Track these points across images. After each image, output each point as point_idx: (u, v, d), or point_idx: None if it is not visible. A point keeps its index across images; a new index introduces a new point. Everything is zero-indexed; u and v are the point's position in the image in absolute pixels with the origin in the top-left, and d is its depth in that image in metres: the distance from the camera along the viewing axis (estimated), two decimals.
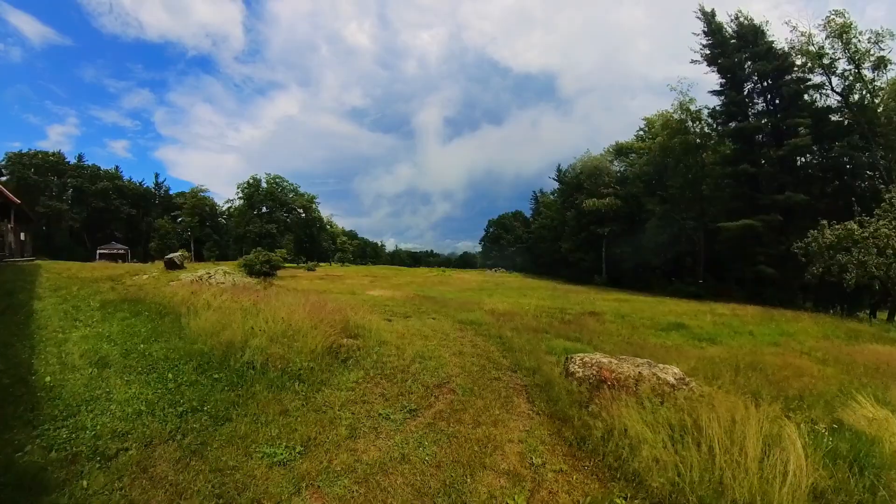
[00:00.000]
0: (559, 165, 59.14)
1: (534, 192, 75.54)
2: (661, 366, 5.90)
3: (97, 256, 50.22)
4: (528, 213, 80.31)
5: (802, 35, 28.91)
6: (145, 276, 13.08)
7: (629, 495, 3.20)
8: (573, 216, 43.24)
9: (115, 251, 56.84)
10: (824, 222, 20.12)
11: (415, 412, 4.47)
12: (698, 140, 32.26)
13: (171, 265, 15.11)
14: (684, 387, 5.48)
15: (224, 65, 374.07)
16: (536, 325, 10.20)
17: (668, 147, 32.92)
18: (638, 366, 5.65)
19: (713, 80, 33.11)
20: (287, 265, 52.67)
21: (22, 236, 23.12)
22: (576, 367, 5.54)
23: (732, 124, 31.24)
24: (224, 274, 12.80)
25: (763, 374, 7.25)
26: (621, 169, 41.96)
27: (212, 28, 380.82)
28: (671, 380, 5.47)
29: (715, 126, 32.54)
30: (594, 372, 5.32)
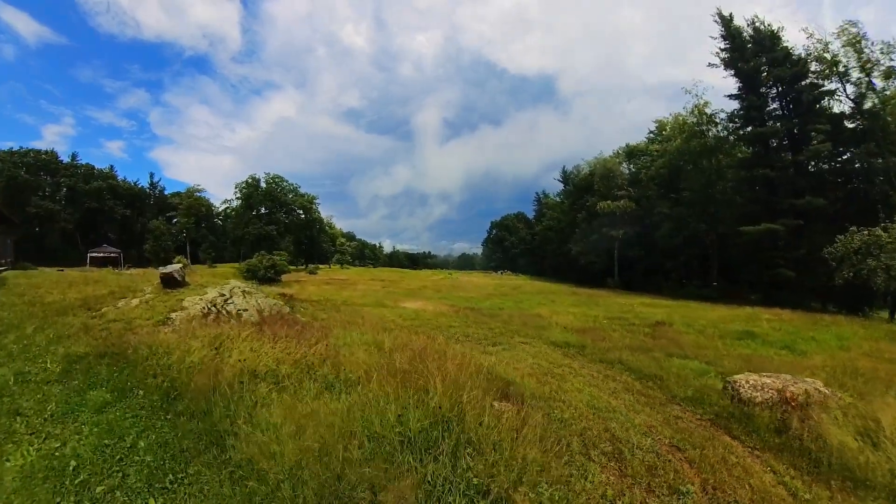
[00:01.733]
0: (564, 167, 59.76)
1: (536, 193, 76.09)
2: (807, 380, 6.16)
3: (87, 260, 46.59)
4: (529, 215, 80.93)
5: (819, 42, 29.75)
6: (135, 302, 9.16)
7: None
8: (584, 218, 43.53)
9: (106, 254, 52.11)
10: (853, 228, 20.68)
11: (685, 495, 3.58)
12: (715, 143, 32.76)
13: (170, 282, 10.96)
14: (835, 396, 5.75)
15: (221, 65, 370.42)
16: (631, 342, 10.11)
17: (685, 150, 33.41)
18: (795, 383, 5.89)
19: (723, 82, 33.87)
20: (289, 268, 51.96)
21: None
22: (747, 391, 5.75)
23: (749, 128, 31.87)
24: (243, 295, 9.58)
25: (866, 377, 7.58)
26: (632, 171, 42.36)
27: (209, 28, 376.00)
28: (827, 391, 5.76)
29: (732, 130, 33.12)
30: (772, 395, 5.54)
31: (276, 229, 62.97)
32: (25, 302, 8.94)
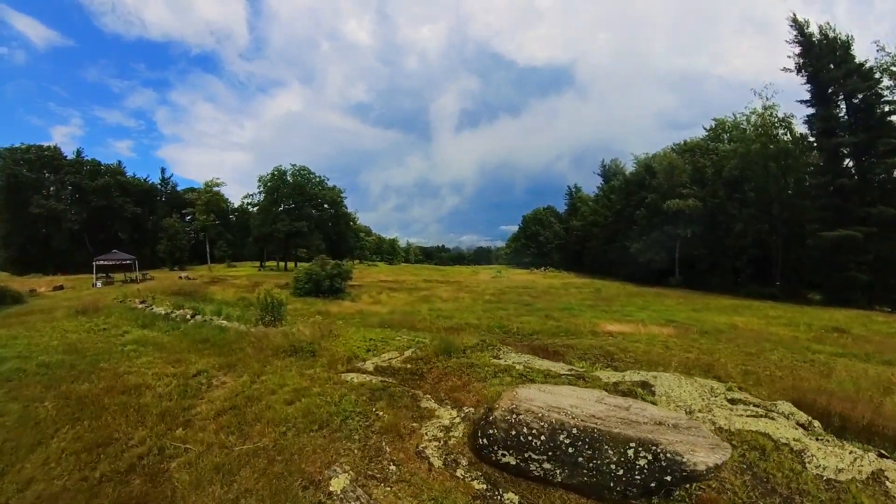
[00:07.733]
0: (603, 160, 60.78)
1: (569, 187, 77.04)
2: None
3: (94, 269, 35.80)
4: (546, 205, 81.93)
5: (888, 55, 31.47)
6: None
7: None
8: (644, 215, 44.60)
9: (117, 261, 40.10)
10: None
11: None
12: (790, 146, 34.25)
13: None
14: None
15: (228, 62, 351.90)
16: (870, 351, 11.39)
17: (761, 152, 34.76)
18: None
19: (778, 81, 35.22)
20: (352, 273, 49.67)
21: None
22: None
23: (822, 137, 33.44)
24: None
25: None
26: (691, 168, 43.42)
27: (216, 26, 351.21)
28: None
29: (808, 135, 34.72)
30: None
31: (306, 225, 60.02)
32: None
